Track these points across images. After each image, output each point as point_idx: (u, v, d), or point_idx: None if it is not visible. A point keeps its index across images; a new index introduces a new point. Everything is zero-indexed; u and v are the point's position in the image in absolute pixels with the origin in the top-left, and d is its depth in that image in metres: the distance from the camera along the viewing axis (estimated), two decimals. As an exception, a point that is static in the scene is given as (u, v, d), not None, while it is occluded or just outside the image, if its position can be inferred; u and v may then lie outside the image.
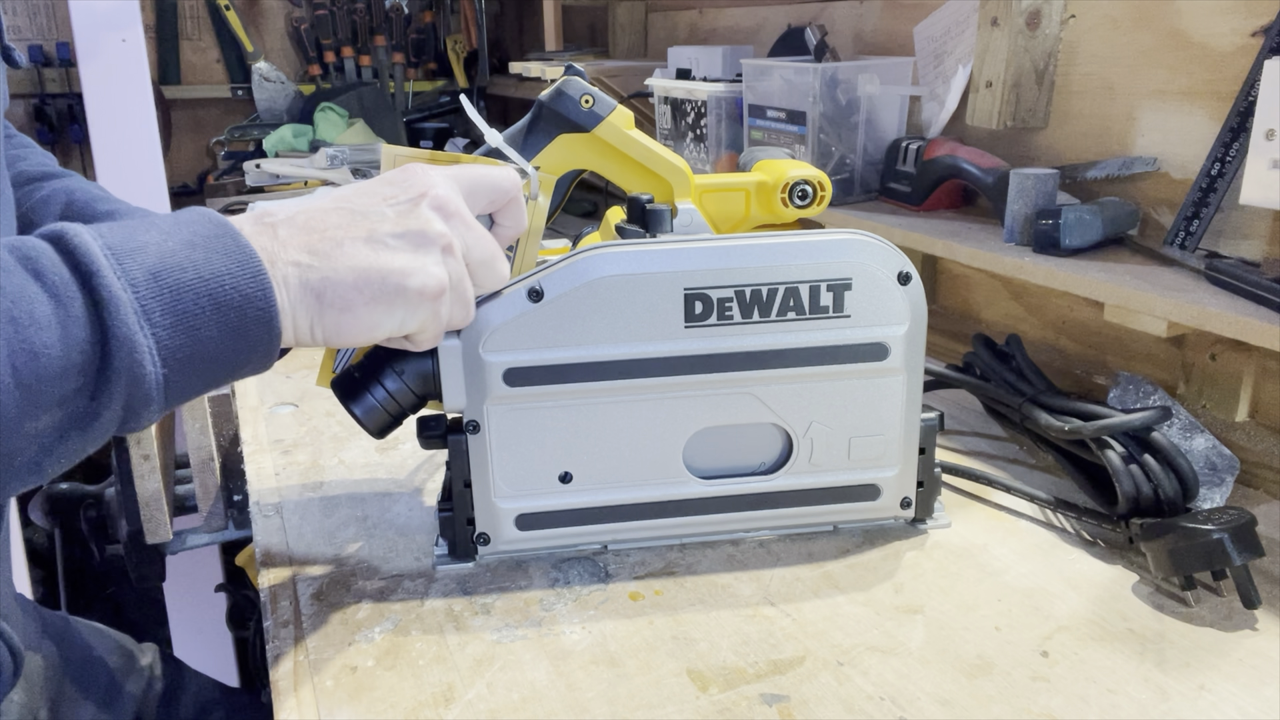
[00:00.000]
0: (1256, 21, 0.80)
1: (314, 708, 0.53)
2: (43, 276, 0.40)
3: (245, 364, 0.46)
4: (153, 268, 0.43)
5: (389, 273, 0.49)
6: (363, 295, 0.48)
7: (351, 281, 0.48)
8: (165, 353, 0.42)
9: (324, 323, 0.48)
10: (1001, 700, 0.52)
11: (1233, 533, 0.58)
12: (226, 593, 1.39)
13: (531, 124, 0.73)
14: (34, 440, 0.40)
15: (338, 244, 0.48)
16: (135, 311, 0.41)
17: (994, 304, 1.12)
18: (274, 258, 0.46)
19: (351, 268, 0.48)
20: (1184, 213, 0.85)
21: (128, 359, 0.41)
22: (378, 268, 0.49)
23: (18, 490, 0.43)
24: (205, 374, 0.45)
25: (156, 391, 0.43)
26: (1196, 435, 0.74)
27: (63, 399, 0.40)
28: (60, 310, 0.40)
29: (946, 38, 1.12)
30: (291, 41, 2.46)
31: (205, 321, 0.43)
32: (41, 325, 0.39)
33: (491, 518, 0.64)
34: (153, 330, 0.42)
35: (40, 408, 0.40)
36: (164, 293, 0.42)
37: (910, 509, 0.68)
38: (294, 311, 0.47)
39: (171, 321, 0.42)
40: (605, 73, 1.63)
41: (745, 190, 0.77)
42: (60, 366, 0.40)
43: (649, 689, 0.53)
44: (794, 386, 0.63)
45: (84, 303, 0.41)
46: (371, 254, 0.49)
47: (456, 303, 0.53)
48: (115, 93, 1.64)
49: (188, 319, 0.43)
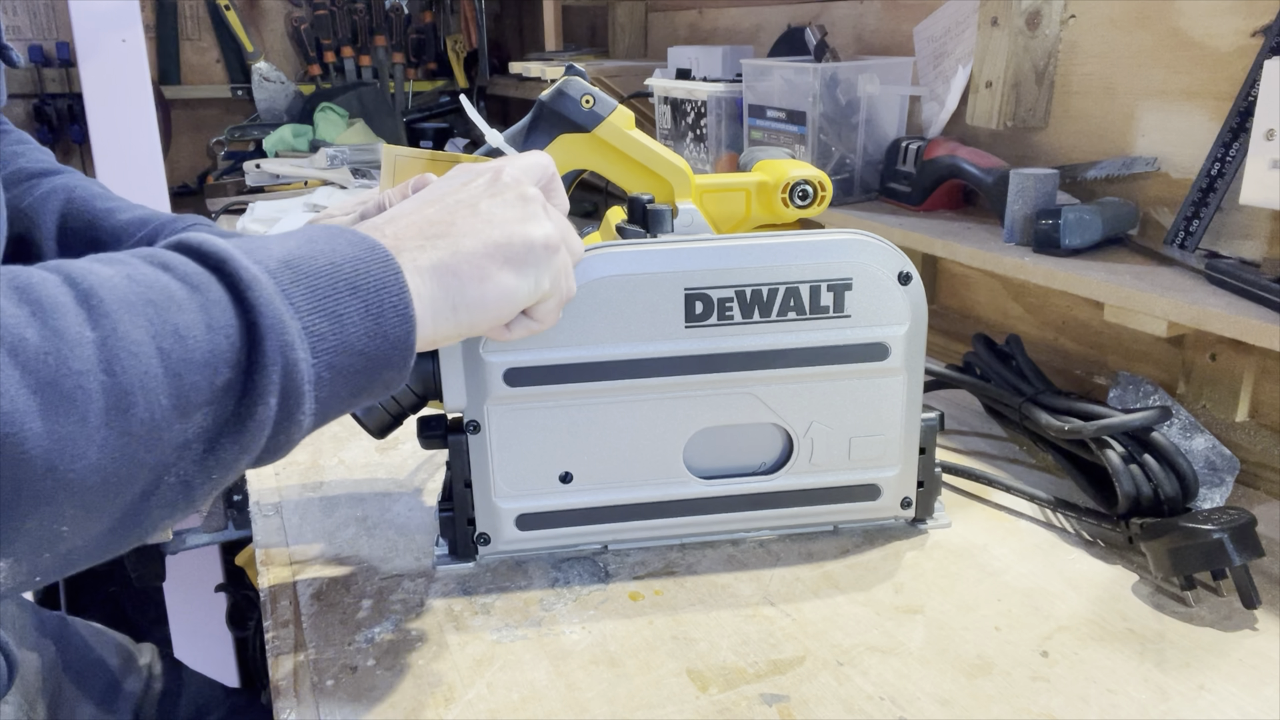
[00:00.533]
0: (1256, 21, 0.80)
1: (314, 708, 0.53)
2: (171, 268, 0.38)
3: (385, 364, 0.43)
4: (282, 257, 0.40)
5: (512, 233, 0.48)
6: (495, 260, 0.47)
7: (482, 249, 0.47)
8: (314, 340, 0.40)
9: (466, 300, 0.46)
10: (1001, 700, 0.52)
11: (1233, 533, 0.58)
12: (226, 593, 1.39)
13: (532, 124, 0.73)
14: (184, 451, 0.37)
15: (450, 224, 0.47)
16: (278, 292, 0.39)
17: (994, 304, 1.12)
18: (397, 249, 0.44)
19: (476, 238, 0.47)
20: (1184, 213, 0.85)
21: (279, 341, 0.38)
22: (500, 231, 0.48)
23: (168, 522, 0.39)
24: (352, 375, 0.42)
25: (310, 387, 0.39)
26: (1196, 435, 0.74)
27: (213, 395, 0.37)
28: (198, 295, 0.37)
29: (946, 38, 1.12)
30: (291, 41, 2.46)
31: (347, 307, 0.41)
32: (183, 307, 0.36)
33: (492, 518, 0.64)
34: (296, 312, 0.39)
35: (191, 403, 0.36)
36: (301, 279, 0.40)
37: (911, 509, 0.68)
38: (433, 298, 0.45)
39: (314, 306, 0.40)
40: (605, 73, 1.63)
41: (746, 190, 0.77)
42: (208, 351, 0.36)
43: (649, 689, 0.53)
44: (794, 386, 0.63)
45: (222, 287, 0.38)
46: (486, 223, 0.48)
47: (566, 267, 0.52)
48: (115, 93, 1.64)
49: (329, 304, 0.40)
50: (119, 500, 0.35)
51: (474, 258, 0.46)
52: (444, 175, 0.53)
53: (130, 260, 0.38)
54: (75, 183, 0.75)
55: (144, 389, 0.34)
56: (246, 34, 2.36)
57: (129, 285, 0.36)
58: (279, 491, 0.77)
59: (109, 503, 0.35)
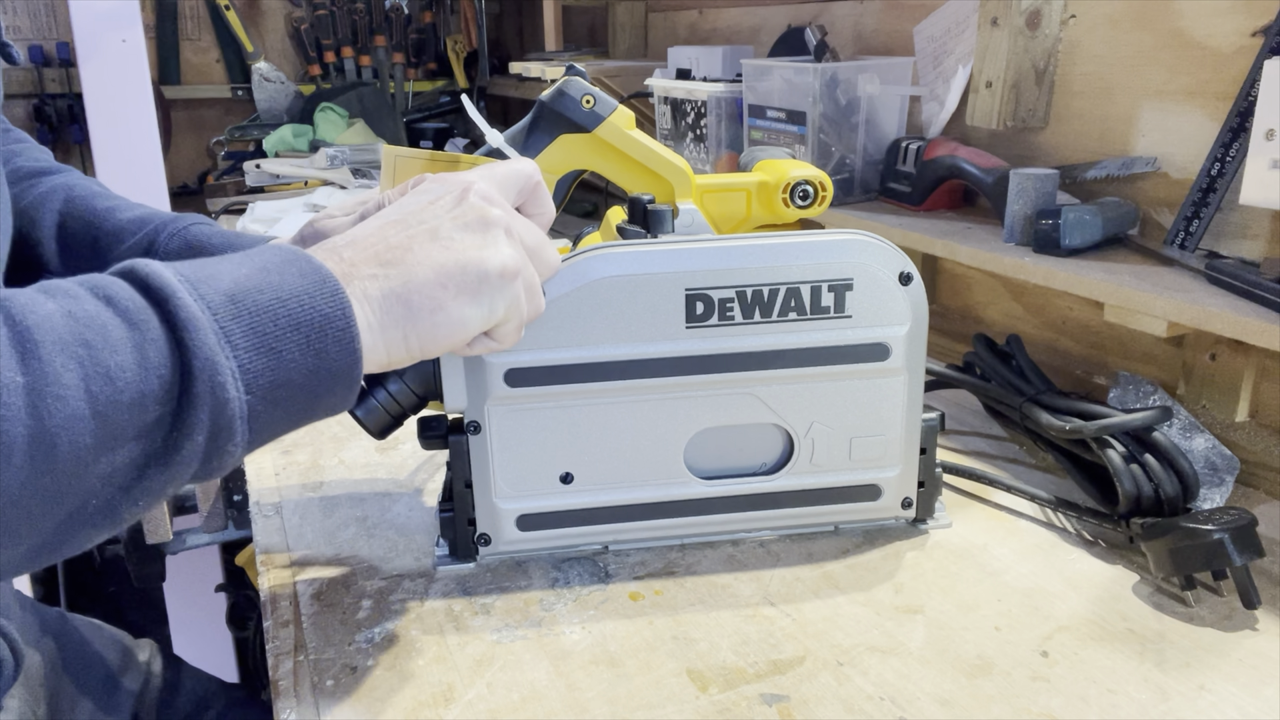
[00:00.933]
0: (1256, 21, 0.81)
1: (314, 708, 0.53)
2: (114, 302, 0.38)
3: (328, 393, 0.44)
4: (228, 290, 0.41)
5: (467, 261, 0.48)
6: (448, 290, 0.47)
7: (435, 279, 0.47)
8: (249, 377, 0.40)
9: (417, 329, 0.47)
10: (1001, 700, 0.52)
11: (1233, 533, 0.58)
12: (226, 593, 1.39)
13: (533, 124, 0.73)
14: (109, 481, 0.37)
15: (406, 249, 0.47)
16: (215, 332, 0.39)
17: (994, 304, 1.12)
18: (349, 276, 0.45)
19: (430, 266, 0.47)
20: (1184, 213, 0.85)
21: (209, 382, 0.38)
22: (455, 259, 0.47)
23: (93, 541, 0.39)
24: (289, 406, 0.42)
25: (240, 422, 0.40)
26: (1196, 435, 0.74)
27: (141, 430, 0.38)
28: (135, 333, 0.38)
29: (946, 38, 1.12)
30: (291, 41, 2.46)
31: (287, 343, 0.41)
32: (116, 348, 0.37)
33: (492, 518, 0.64)
34: (235, 353, 0.40)
35: (117, 440, 0.37)
36: (243, 314, 0.40)
37: (911, 509, 0.68)
38: (383, 327, 0.45)
39: (253, 344, 0.40)
40: (605, 73, 1.63)
41: (746, 190, 0.77)
42: (137, 392, 0.37)
43: (649, 689, 0.53)
44: (795, 387, 0.63)
45: (160, 325, 0.38)
46: (443, 249, 0.48)
47: (528, 288, 0.52)
48: (115, 93, 1.64)
49: (269, 340, 0.41)
50: (40, 526, 0.36)
51: (426, 287, 0.46)
52: (413, 188, 0.53)
53: (76, 292, 0.38)
54: (74, 181, 0.75)
55: (68, 430, 0.35)
56: (246, 34, 2.36)
57: (67, 324, 0.37)
58: (279, 492, 0.77)
59: (29, 529, 0.36)
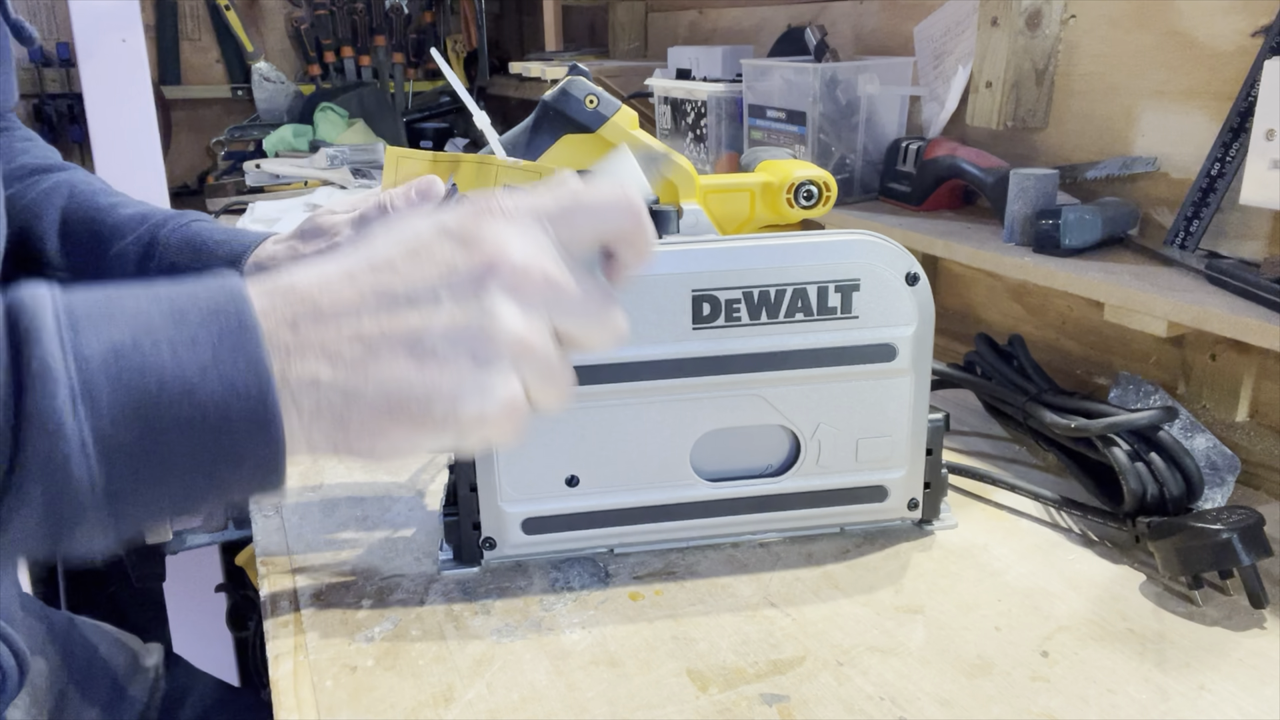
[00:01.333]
0: (1256, 21, 0.81)
1: (314, 708, 0.53)
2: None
3: (236, 480, 0.36)
4: (117, 342, 0.33)
5: (436, 397, 0.36)
6: (398, 421, 0.37)
7: (385, 407, 0.36)
8: (104, 446, 0.33)
9: (349, 446, 0.37)
10: (1001, 700, 0.52)
11: (1241, 533, 0.58)
12: (226, 593, 1.39)
13: (535, 124, 0.73)
14: None
15: (371, 350, 0.36)
16: (70, 389, 0.32)
17: (994, 304, 1.12)
18: (286, 368, 0.35)
19: (385, 388, 0.36)
20: (1184, 213, 0.85)
21: (46, 446, 0.32)
22: (421, 389, 0.36)
23: None
24: (172, 488, 0.35)
25: (90, 496, 0.33)
26: (1197, 435, 0.74)
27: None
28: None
29: (946, 38, 1.12)
30: (291, 41, 2.46)
31: (172, 420, 0.33)
32: None
33: (497, 522, 0.64)
34: (92, 417, 0.32)
35: None
36: (123, 374, 0.33)
37: (917, 510, 0.68)
38: (309, 435, 0.36)
39: (122, 413, 0.33)
40: (605, 73, 1.63)
41: (750, 191, 0.77)
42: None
43: (649, 689, 0.53)
44: (802, 388, 0.63)
45: (5, 372, 0.32)
46: (414, 369, 0.36)
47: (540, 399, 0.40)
48: (115, 93, 1.64)
49: (146, 410, 0.33)
50: None
51: (371, 412, 0.36)
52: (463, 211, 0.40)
53: None
54: (78, 179, 0.76)
55: None
56: (246, 34, 2.36)
57: None
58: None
59: None
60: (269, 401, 0.34)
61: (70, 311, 0.34)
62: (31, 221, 0.71)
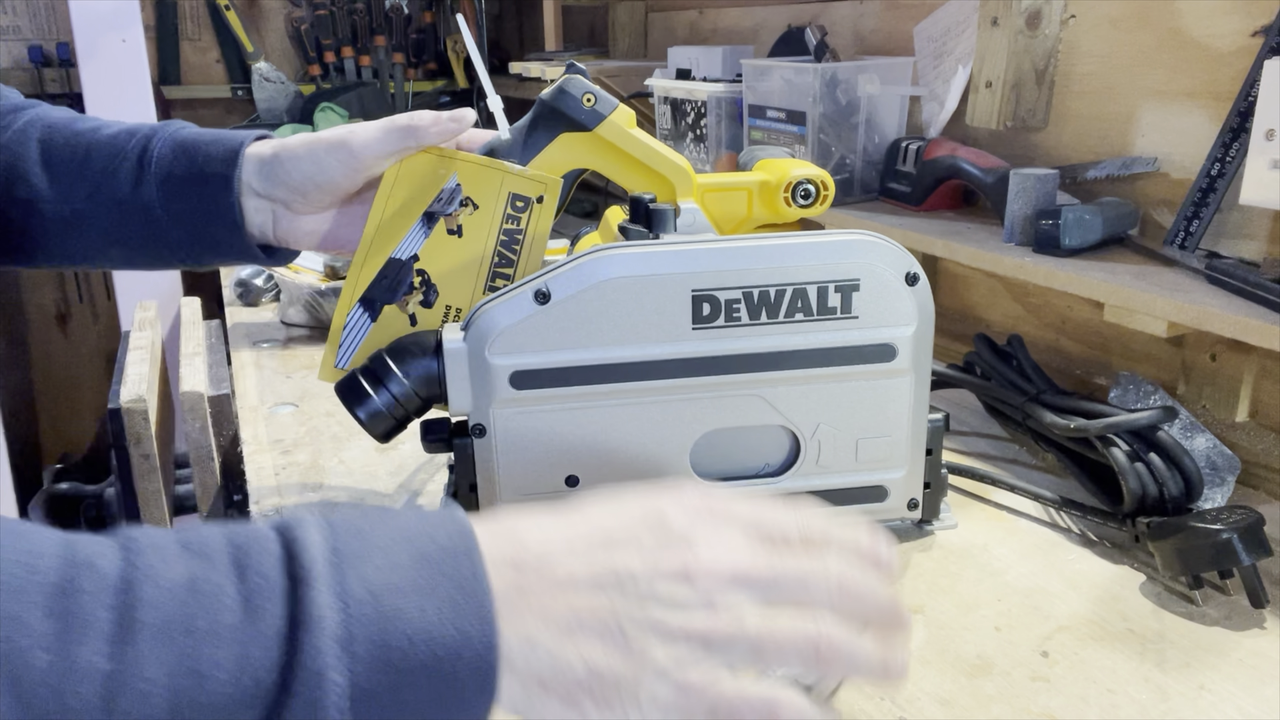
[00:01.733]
0: (1256, 21, 0.81)
1: (317, 708, 0.52)
2: (246, 577, 0.34)
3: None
4: (373, 585, 0.34)
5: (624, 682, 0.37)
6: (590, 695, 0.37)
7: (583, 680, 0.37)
8: (359, 694, 0.33)
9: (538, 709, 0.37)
10: (1001, 700, 0.52)
11: (1241, 532, 0.58)
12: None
13: (533, 123, 0.73)
14: None
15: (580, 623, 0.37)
16: (337, 639, 0.33)
17: (994, 304, 1.12)
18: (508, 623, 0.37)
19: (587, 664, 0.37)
20: (1184, 213, 0.85)
21: (311, 693, 0.33)
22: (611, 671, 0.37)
23: None
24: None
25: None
26: (1197, 435, 0.74)
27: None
28: (249, 625, 0.33)
29: (946, 38, 1.12)
30: (291, 41, 2.46)
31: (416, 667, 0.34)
32: (222, 639, 0.33)
33: (494, 519, 0.64)
34: (352, 664, 0.33)
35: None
36: (379, 620, 0.34)
37: (917, 510, 0.68)
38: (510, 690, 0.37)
39: (377, 662, 0.34)
40: (605, 73, 1.63)
41: (748, 190, 0.77)
42: (224, 696, 0.32)
43: (651, 689, 0.53)
44: (802, 388, 0.63)
45: (282, 618, 0.33)
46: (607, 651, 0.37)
47: None
48: (115, 93, 1.64)
49: (397, 660, 0.34)
50: None
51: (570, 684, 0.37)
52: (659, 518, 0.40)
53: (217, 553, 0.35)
54: (46, 111, 0.74)
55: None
56: (246, 34, 2.36)
57: (180, 602, 0.33)
58: (279, 492, 0.77)
59: None
60: (492, 656, 0.35)
61: (335, 548, 0.35)
62: (12, 160, 0.70)
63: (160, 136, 0.70)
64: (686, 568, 0.38)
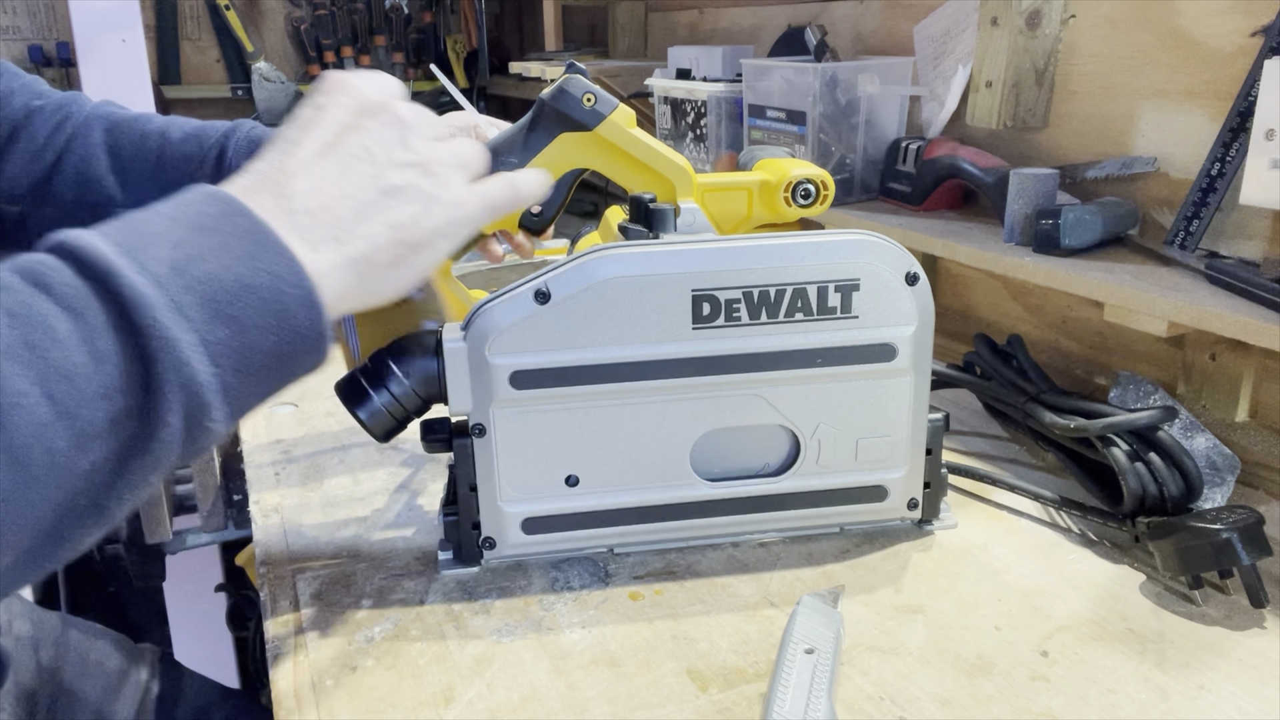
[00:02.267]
0: (1256, 21, 0.81)
1: (314, 708, 0.53)
2: (52, 289, 0.35)
3: (300, 355, 0.41)
4: (172, 261, 0.37)
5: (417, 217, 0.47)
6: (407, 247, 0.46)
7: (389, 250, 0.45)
8: (212, 349, 0.37)
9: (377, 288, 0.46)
10: (1001, 700, 0.52)
11: (1241, 532, 0.58)
12: (226, 593, 1.39)
13: (533, 123, 0.73)
14: (90, 479, 0.36)
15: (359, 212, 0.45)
16: (168, 307, 0.36)
17: (994, 304, 1.12)
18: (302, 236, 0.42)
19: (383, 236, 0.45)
20: (1184, 213, 0.85)
21: (173, 360, 0.36)
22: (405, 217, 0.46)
23: (86, 543, 0.38)
24: (262, 374, 0.40)
25: (214, 395, 0.37)
26: (1197, 435, 0.74)
27: (111, 424, 0.35)
28: (80, 324, 0.35)
29: (946, 38, 1.12)
30: (291, 41, 2.46)
31: (246, 315, 0.38)
32: (64, 342, 0.34)
33: (497, 522, 0.64)
34: (191, 325, 0.37)
35: (90, 437, 0.35)
36: (193, 284, 0.37)
37: (917, 510, 0.68)
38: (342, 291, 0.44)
39: (211, 317, 0.37)
40: (605, 73, 1.63)
41: (748, 189, 0.77)
42: (98, 385, 0.35)
43: (649, 689, 0.53)
44: (801, 388, 0.63)
45: (103, 309, 0.35)
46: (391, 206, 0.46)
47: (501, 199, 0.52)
48: (115, 93, 1.63)
49: (225, 310, 0.38)
50: (29, 535, 0.35)
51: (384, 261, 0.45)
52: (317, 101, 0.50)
53: (10, 283, 0.36)
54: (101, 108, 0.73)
55: (38, 437, 0.34)
56: (246, 34, 2.36)
57: (7, 328, 0.34)
58: (279, 491, 0.77)
59: (17, 538, 0.34)
60: (306, 282, 0.40)
61: (117, 241, 0.37)
62: (81, 167, 0.70)
63: (236, 137, 0.70)
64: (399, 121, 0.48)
